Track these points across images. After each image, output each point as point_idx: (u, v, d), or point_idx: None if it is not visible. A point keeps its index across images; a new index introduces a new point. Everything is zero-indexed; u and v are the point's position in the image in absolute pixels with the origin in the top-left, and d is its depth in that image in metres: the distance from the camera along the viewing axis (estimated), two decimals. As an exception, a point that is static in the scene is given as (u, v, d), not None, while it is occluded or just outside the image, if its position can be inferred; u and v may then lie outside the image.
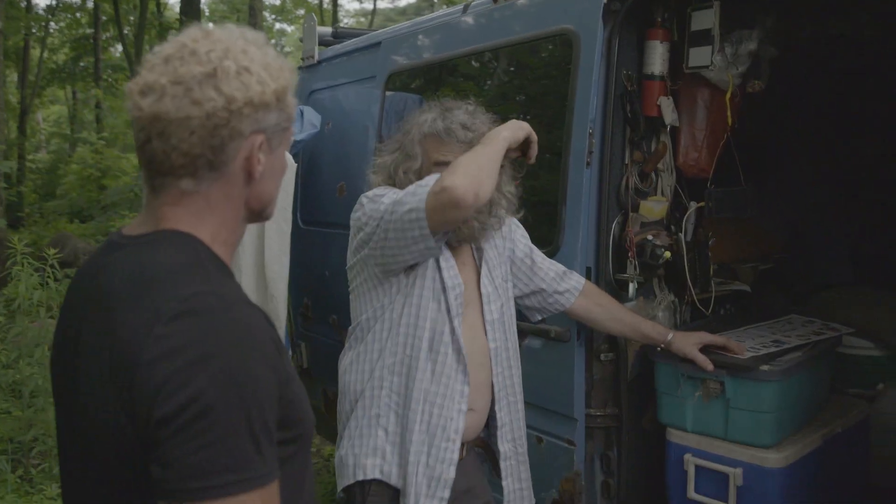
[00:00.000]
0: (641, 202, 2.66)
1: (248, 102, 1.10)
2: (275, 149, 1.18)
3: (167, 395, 0.96)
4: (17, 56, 20.70)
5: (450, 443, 2.09)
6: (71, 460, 1.18)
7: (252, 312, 1.07)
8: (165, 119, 1.07)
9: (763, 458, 2.34)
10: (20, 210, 16.60)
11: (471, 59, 3.26)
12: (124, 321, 1.03)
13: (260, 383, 1.01)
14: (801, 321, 2.88)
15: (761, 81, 2.74)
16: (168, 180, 1.12)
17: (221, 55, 1.09)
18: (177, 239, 1.12)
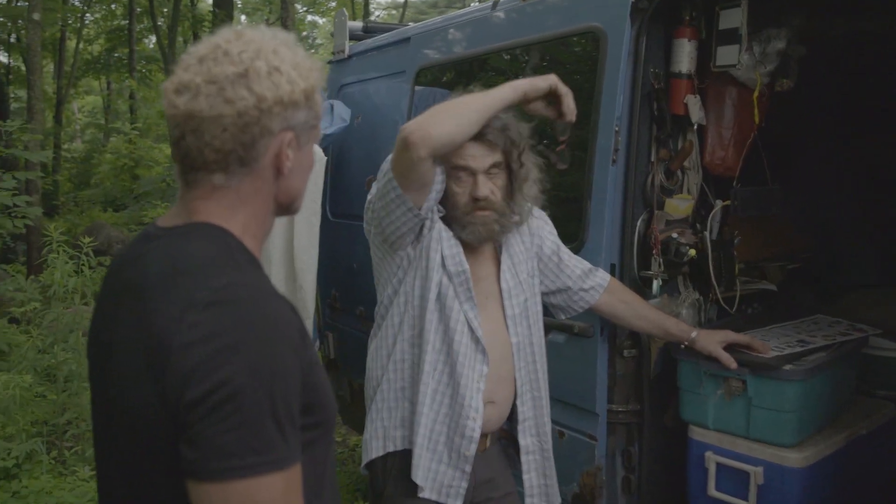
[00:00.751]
0: (667, 200, 2.67)
1: (278, 101, 1.15)
2: (303, 145, 1.23)
3: (198, 379, 1.01)
4: (54, 47, 21.02)
5: (469, 420, 2.12)
6: (105, 442, 1.23)
7: (280, 304, 1.12)
8: (199, 117, 1.13)
9: (784, 457, 2.35)
10: (56, 199, 16.89)
11: (499, 56, 3.28)
12: (158, 309, 1.08)
13: (285, 371, 1.06)
14: (827, 321, 2.87)
15: (790, 80, 2.73)
16: (201, 175, 1.17)
17: (253, 56, 1.14)
18: (209, 231, 1.17)
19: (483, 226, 2.11)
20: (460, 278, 2.13)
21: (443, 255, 2.13)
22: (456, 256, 2.14)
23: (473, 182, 2.08)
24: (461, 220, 2.11)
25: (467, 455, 2.12)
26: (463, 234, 2.13)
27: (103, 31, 23.54)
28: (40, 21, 10.06)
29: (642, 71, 2.57)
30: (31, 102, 9.89)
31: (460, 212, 2.10)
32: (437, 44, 3.62)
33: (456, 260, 2.14)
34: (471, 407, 2.12)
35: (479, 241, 2.16)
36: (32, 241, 9.02)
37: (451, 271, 2.12)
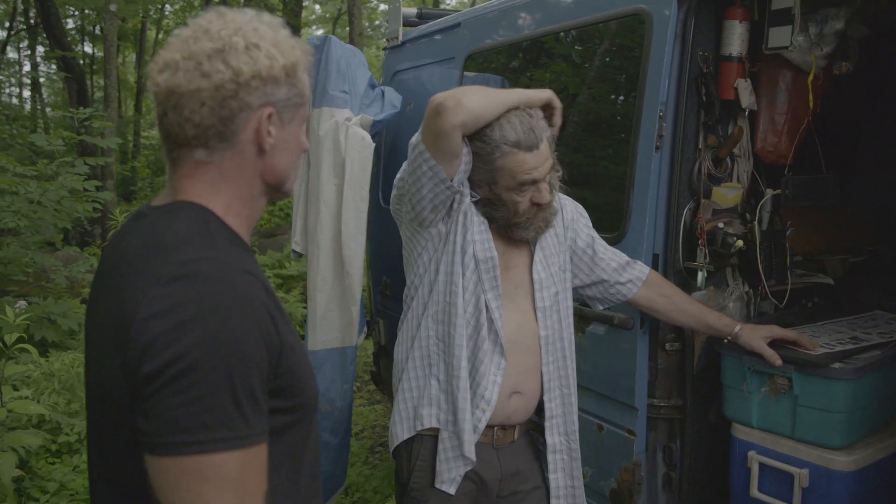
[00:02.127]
0: (714, 188, 2.57)
1: (255, 75, 1.16)
2: (287, 123, 1.23)
3: (155, 352, 1.01)
4: (135, 37, 21.74)
5: (478, 410, 2.10)
6: (90, 412, 1.25)
7: (248, 281, 1.11)
8: (178, 92, 1.14)
9: (831, 459, 2.23)
10: (133, 184, 17.48)
11: (545, 40, 3.21)
12: (129, 284, 1.09)
13: (247, 348, 1.05)
14: (885, 318, 2.73)
15: (849, 63, 2.58)
16: (183, 152, 1.19)
17: (231, 33, 1.16)
18: (190, 209, 1.18)
19: (543, 222, 2.12)
20: (487, 265, 2.10)
21: (472, 239, 2.10)
22: (485, 242, 2.11)
23: (536, 189, 2.06)
24: (523, 224, 2.10)
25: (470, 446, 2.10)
26: (523, 234, 2.12)
27: (182, 21, 24.14)
28: (117, 12, 10.38)
29: (690, 54, 2.48)
30: (107, 91, 10.24)
31: (522, 217, 2.09)
32: (485, 29, 3.57)
33: (485, 246, 2.11)
34: (482, 398, 2.09)
35: (539, 236, 2.17)
36: (107, 225, 9.34)
37: (479, 257, 2.10)
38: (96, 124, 7.63)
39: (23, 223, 5.87)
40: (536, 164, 2.02)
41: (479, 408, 2.09)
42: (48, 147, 6.35)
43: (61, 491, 3.99)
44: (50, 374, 5.06)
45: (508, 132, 1.99)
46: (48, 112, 21.61)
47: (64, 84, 17.48)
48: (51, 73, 21.81)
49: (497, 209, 2.10)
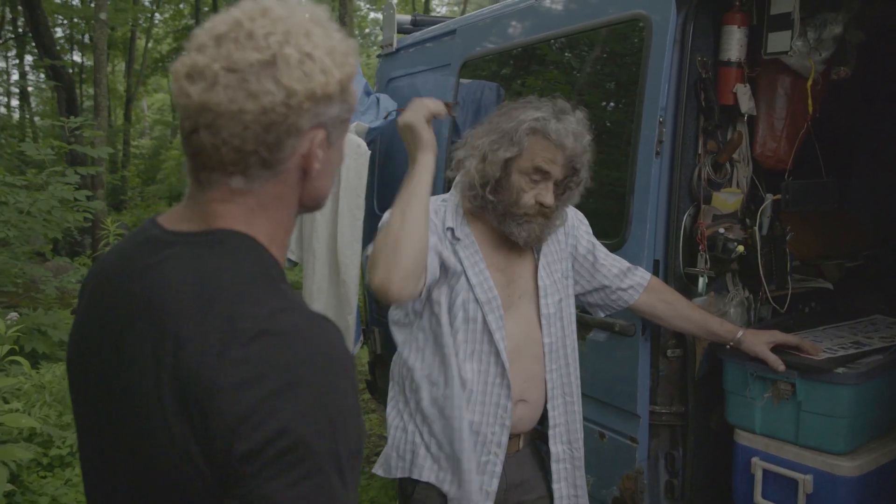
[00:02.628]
0: (714, 194, 2.56)
1: (309, 95, 0.98)
2: (334, 143, 1.08)
3: (252, 426, 0.87)
4: (125, 46, 21.69)
5: (491, 455, 2.07)
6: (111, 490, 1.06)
7: (332, 330, 0.98)
8: (216, 111, 0.96)
9: (836, 465, 2.22)
10: (123, 193, 17.41)
11: (543, 46, 3.21)
12: (189, 338, 0.93)
13: (348, 410, 0.94)
14: (886, 322, 2.72)
15: (847, 68, 2.59)
16: (216, 176, 1.01)
17: (282, 40, 0.97)
18: (238, 242, 1.02)
19: (538, 228, 2.05)
20: (491, 305, 2.06)
21: (470, 283, 2.06)
22: (484, 284, 2.06)
23: (544, 187, 2.02)
24: (518, 217, 2.04)
25: (489, 492, 2.08)
26: (516, 232, 2.05)
27: (171, 30, 24.17)
28: (107, 21, 10.34)
29: (689, 59, 2.47)
30: (98, 100, 10.20)
31: (521, 210, 2.03)
32: (482, 36, 3.57)
33: (485, 287, 2.06)
34: (493, 443, 2.07)
35: (528, 243, 2.09)
36: (97, 235, 9.28)
37: (482, 299, 2.06)
38: (86, 133, 7.59)
39: (12, 233, 5.81)
40: (557, 161, 2.00)
41: (492, 453, 2.07)
42: (38, 156, 6.29)
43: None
44: (41, 386, 5.00)
45: (547, 115, 1.98)
46: (37, 121, 21.53)
47: (53, 93, 17.42)
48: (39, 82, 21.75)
49: (498, 194, 2.03)
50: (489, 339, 2.05)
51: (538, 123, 1.98)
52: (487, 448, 2.07)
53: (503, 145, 2.00)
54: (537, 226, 2.05)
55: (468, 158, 2.07)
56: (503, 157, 1.99)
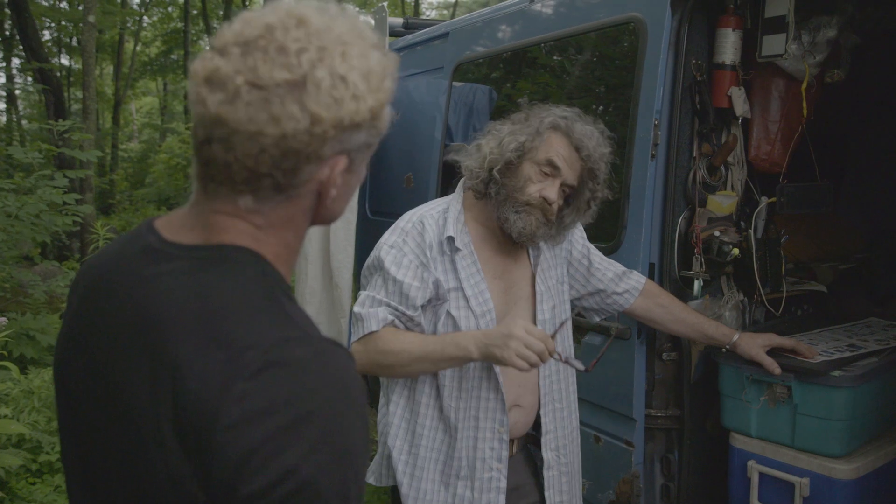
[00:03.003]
0: (709, 197, 2.57)
1: (336, 124, 0.90)
2: (356, 168, 0.99)
3: (257, 466, 0.82)
4: (113, 49, 21.59)
5: (494, 472, 2.06)
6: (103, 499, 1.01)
7: (341, 357, 0.92)
8: (233, 127, 0.88)
9: (832, 468, 2.22)
10: (112, 197, 17.32)
11: (537, 49, 3.20)
12: (191, 366, 0.87)
13: (358, 447, 0.89)
14: (881, 325, 2.73)
15: (841, 71, 2.59)
16: (224, 190, 0.94)
17: (315, 59, 0.88)
18: (243, 259, 0.95)
19: (534, 223, 2.01)
20: (486, 318, 2.04)
21: (466, 296, 2.04)
22: (480, 296, 2.04)
23: (551, 184, 2.00)
24: (519, 205, 2.00)
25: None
26: (511, 220, 2.01)
27: (160, 33, 24.10)
28: (95, 23, 10.29)
29: (684, 62, 2.48)
30: (86, 103, 10.13)
31: (523, 198, 2.00)
32: (475, 39, 3.56)
33: (480, 300, 2.05)
34: (493, 459, 2.06)
35: (519, 235, 2.04)
36: (86, 239, 9.22)
37: (477, 312, 2.04)
38: (75, 137, 7.55)
39: (0, 237, 5.77)
40: (571, 161, 1.99)
41: (494, 469, 2.06)
42: (26, 160, 6.25)
43: (43, 511, 3.89)
44: (29, 391, 4.95)
45: (572, 116, 2.00)
46: (25, 125, 21.39)
47: (40, 96, 17.32)
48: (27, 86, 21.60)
49: (505, 176, 2.00)
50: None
51: (562, 121, 2.00)
52: (489, 465, 2.05)
53: (523, 133, 2.00)
54: (534, 220, 2.01)
55: (485, 142, 2.06)
56: (520, 142, 1.99)
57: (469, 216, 2.11)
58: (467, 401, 2.04)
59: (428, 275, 2.01)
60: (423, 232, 2.04)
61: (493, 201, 2.04)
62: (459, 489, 2.05)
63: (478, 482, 2.05)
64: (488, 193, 2.04)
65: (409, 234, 2.04)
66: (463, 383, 2.03)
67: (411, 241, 2.03)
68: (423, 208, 2.14)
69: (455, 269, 2.04)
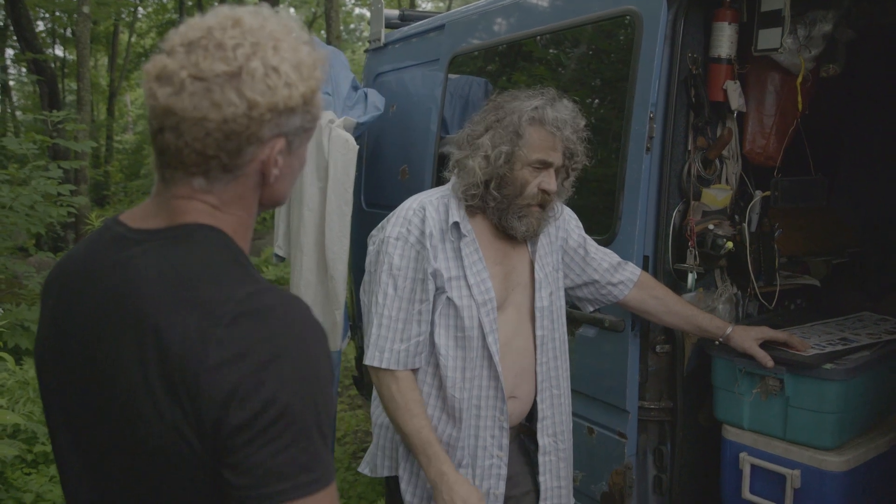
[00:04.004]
0: (704, 190, 2.57)
1: (271, 108, 1.03)
2: (295, 150, 1.12)
3: (241, 400, 0.94)
4: (107, 40, 21.52)
5: (494, 459, 2.08)
6: (99, 477, 1.10)
7: (302, 305, 1.04)
8: (180, 115, 1.01)
9: (823, 460, 2.24)
10: (106, 189, 17.27)
11: (532, 41, 3.20)
12: (170, 326, 0.97)
13: (325, 378, 1.00)
14: (873, 319, 2.74)
15: (837, 66, 2.60)
16: (179, 174, 1.06)
17: (249, 52, 1.01)
18: (205, 233, 1.07)
19: (536, 220, 2.06)
20: (487, 307, 2.05)
21: (468, 283, 2.05)
22: (481, 285, 2.06)
23: (546, 175, 2.03)
24: (520, 210, 2.04)
25: (497, 494, 2.11)
26: (515, 225, 2.05)
27: (154, 24, 23.98)
28: (89, 14, 10.24)
29: (679, 55, 2.48)
30: (81, 94, 10.10)
31: (523, 200, 2.03)
32: (471, 31, 3.56)
33: (482, 288, 2.06)
34: (494, 447, 2.08)
35: (525, 236, 2.10)
36: (81, 230, 9.20)
37: (479, 300, 2.05)
38: (69, 127, 7.53)
39: (-6, 228, 5.76)
40: (555, 149, 2.01)
41: (494, 456, 2.08)
42: (20, 151, 6.23)
43: (38, 501, 3.89)
44: (24, 382, 4.95)
45: (541, 103, 2.00)
46: (19, 116, 21.31)
47: (35, 87, 17.23)
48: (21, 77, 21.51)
49: (501, 187, 2.03)
50: (482, 344, 2.05)
51: (536, 113, 2.00)
52: (490, 452, 2.08)
53: (505, 140, 2.00)
54: (535, 219, 2.06)
55: (469, 158, 2.05)
56: (507, 152, 2.00)
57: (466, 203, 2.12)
58: (470, 391, 2.06)
59: (428, 266, 2.02)
60: (425, 219, 2.05)
61: (491, 209, 2.07)
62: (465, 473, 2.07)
63: (479, 470, 2.08)
64: (486, 206, 2.07)
65: (411, 222, 2.05)
66: (466, 373, 2.05)
67: (415, 229, 2.04)
68: (423, 195, 2.15)
69: (459, 255, 2.05)
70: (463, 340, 2.04)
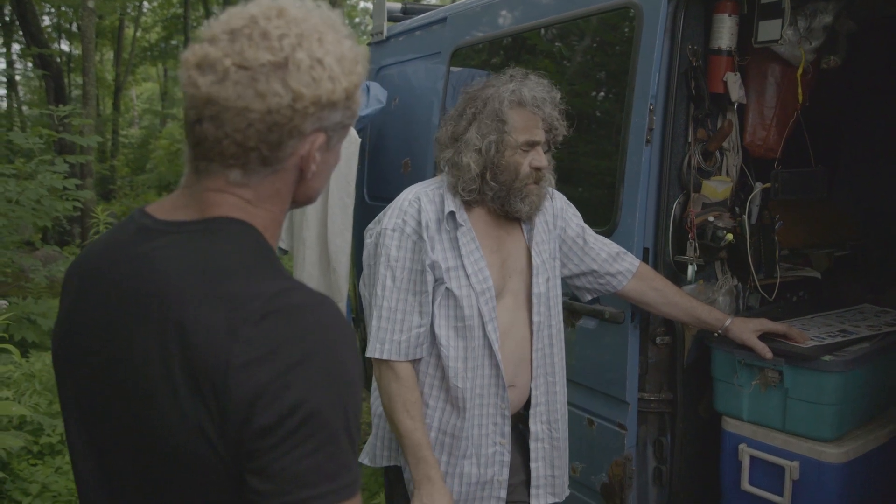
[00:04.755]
0: (704, 182, 2.57)
1: (315, 101, 1.00)
2: (333, 146, 1.10)
3: (267, 402, 0.90)
4: (113, 35, 21.53)
5: (497, 446, 2.10)
6: (118, 474, 1.07)
7: (332, 304, 1.01)
8: (222, 105, 0.98)
9: (822, 452, 2.24)
10: (112, 183, 17.31)
11: (533, 34, 3.20)
12: (196, 321, 0.94)
13: (354, 380, 0.98)
14: (874, 311, 2.74)
15: (837, 57, 2.59)
16: (214, 167, 1.03)
17: (295, 43, 0.99)
18: (236, 228, 1.04)
19: (537, 197, 2.09)
20: (485, 296, 2.07)
21: (467, 273, 2.06)
22: (479, 273, 2.07)
23: (535, 153, 2.05)
24: (521, 191, 2.06)
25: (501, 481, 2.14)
26: (519, 207, 2.07)
27: (160, 19, 24.01)
28: (94, 9, 10.27)
29: (679, 47, 2.48)
30: (86, 88, 10.13)
31: (520, 182, 2.05)
32: (472, 24, 3.56)
33: (480, 277, 2.07)
34: (497, 434, 2.10)
35: (532, 214, 2.12)
36: (87, 224, 9.23)
37: (477, 289, 2.06)
38: (75, 122, 7.55)
39: (1, 222, 5.78)
40: (538, 128, 2.04)
41: (497, 443, 2.10)
42: (26, 145, 6.25)
43: (44, 493, 3.92)
44: (31, 374, 4.99)
45: (516, 85, 2.03)
46: (25, 110, 21.37)
47: (41, 82, 17.29)
48: (27, 71, 21.57)
49: (497, 175, 2.05)
50: (482, 333, 2.06)
51: (514, 96, 2.02)
52: (493, 440, 2.10)
53: (492, 129, 2.02)
54: (535, 196, 2.09)
55: (461, 155, 2.06)
56: (496, 140, 2.02)
57: None
58: (473, 380, 2.07)
59: (426, 258, 2.03)
60: (420, 210, 2.06)
61: (490, 198, 2.08)
62: (466, 467, 2.09)
63: (483, 458, 2.10)
64: (484, 197, 2.08)
65: (407, 213, 2.06)
66: (468, 363, 2.06)
67: (411, 220, 2.06)
68: (418, 186, 2.16)
69: (457, 245, 2.07)
70: (463, 330, 2.05)
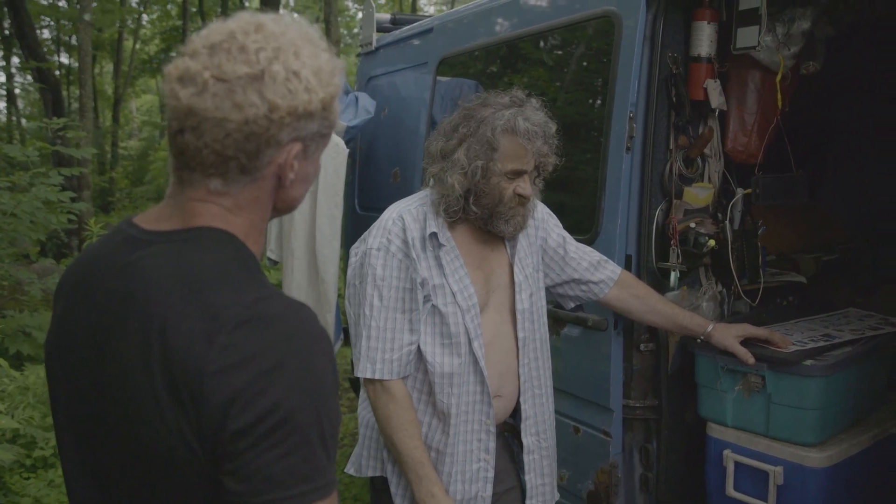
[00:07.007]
0: (686, 188, 2.58)
1: (291, 111, 1.04)
2: (311, 155, 1.13)
3: (242, 406, 0.94)
4: (112, 47, 21.63)
5: (482, 462, 2.11)
6: (100, 479, 1.11)
7: (308, 312, 1.05)
8: (202, 115, 1.02)
9: (805, 456, 2.24)
10: (111, 195, 17.35)
11: (515, 43, 3.22)
12: (175, 328, 0.98)
13: (329, 386, 1.01)
14: (858, 315, 2.74)
15: (816, 63, 2.60)
16: (196, 176, 1.07)
17: (271, 56, 1.03)
18: (216, 236, 1.08)
19: (522, 218, 2.10)
20: (471, 313, 2.07)
21: (452, 290, 2.07)
22: (464, 291, 2.08)
23: (521, 180, 2.05)
24: (504, 214, 2.07)
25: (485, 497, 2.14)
26: (503, 228, 2.09)
27: (159, 31, 24.10)
28: (91, 22, 10.31)
29: (659, 55, 2.49)
30: (83, 101, 10.17)
31: (505, 207, 2.06)
32: (457, 33, 3.58)
33: (465, 294, 2.08)
34: (480, 450, 2.11)
35: (515, 234, 2.14)
36: (83, 237, 9.23)
37: (463, 307, 2.07)
38: (71, 134, 7.58)
39: (-3, 235, 5.80)
40: (526, 158, 2.03)
41: (482, 460, 2.11)
42: (22, 158, 6.27)
43: (36, 506, 3.93)
44: (25, 387, 4.99)
45: (513, 112, 2.01)
46: (24, 123, 21.43)
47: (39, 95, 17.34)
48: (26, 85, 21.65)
49: (480, 199, 2.05)
50: (469, 350, 2.07)
51: (508, 124, 2.00)
52: (477, 456, 2.10)
53: (480, 154, 2.01)
54: (520, 217, 2.09)
55: (447, 173, 2.06)
56: (483, 166, 2.02)
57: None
58: (458, 396, 2.07)
59: (416, 275, 2.04)
60: (405, 229, 2.07)
61: (473, 217, 2.09)
62: (450, 484, 2.09)
63: (468, 474, 2.10)
64: (468, 218, 2.09)
65: (391, 231, 2.07)
66: (454, 378, 2.07)
67: (396, 239, 2.06)
68: (401, 204, 2.16)
69: (440, 264, 2.07)
70: (450, 347, 2.06)
